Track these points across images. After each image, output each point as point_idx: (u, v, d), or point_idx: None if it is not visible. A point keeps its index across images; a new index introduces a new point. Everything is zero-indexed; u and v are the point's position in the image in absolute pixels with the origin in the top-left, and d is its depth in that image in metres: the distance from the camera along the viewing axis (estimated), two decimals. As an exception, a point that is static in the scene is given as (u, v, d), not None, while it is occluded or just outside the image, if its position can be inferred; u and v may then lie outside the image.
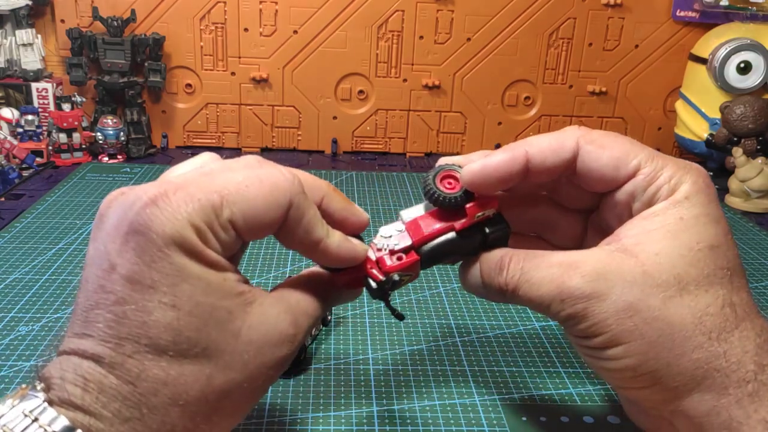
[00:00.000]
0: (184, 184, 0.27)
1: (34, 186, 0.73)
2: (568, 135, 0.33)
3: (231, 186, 0.27)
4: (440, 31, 0.87)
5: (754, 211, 0.76)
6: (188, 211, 0.26)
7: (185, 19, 0.84)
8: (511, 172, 0.33)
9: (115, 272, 0.26)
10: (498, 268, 0.32)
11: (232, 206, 0.27)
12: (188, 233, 0.26)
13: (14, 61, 0.83)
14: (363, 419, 0.38)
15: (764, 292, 0.56)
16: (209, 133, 0.90)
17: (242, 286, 0.28)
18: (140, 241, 0.25)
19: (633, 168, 0.32)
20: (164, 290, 0.25)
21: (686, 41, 0.88)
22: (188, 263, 0.26)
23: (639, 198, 0.32)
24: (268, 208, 0.28)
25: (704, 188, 0.31)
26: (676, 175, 0.31)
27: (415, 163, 0.90)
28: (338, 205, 0.32)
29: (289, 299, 0.30)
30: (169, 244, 0.25)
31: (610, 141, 0.32)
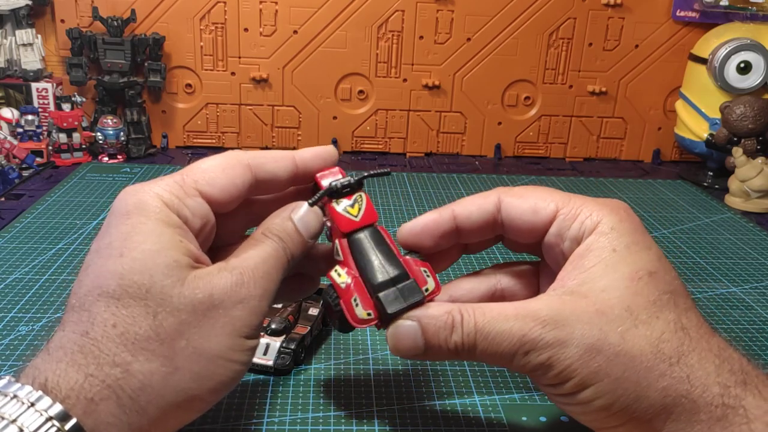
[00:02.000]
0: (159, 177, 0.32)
1: (34, 186, 0.73)
2: (491, 192, 0.35)
3: (190, 165, 0.33)
4: (440, 31, 0.87)
5: (754, 211, 0.76)
6: (151, 185, 0.31)
7: (185, 19, 0.84)
8: (440, 228, 0.35)
9: (90, 252, 0.30)
10: (448, 326, 0.31)
11: (192, 175, 0.32)
12: (149, 198, 0.30)
13: (14, 61, 0.83)
14: (363, 419, 0.38)
15: (764, 292, 0.56)
16: (209, 133, 0.90)
17: (198, 253, 0.31)
18: (110, 217, 0.31)
19: (551, 210, 0.33)
20: (116, 245, 0.29)
21: (686, 41, 0.88)
22: (145, 221, 0.29)
23: (566, 237, 0.33)
24: (225, 168, 0.32)
25: (626, 218, 0.33)
26: (594, 210, 0.33)
27: (415, 163, 0.90)
28: (307, 154, 0.35)
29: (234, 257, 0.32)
30: (131, 209, 0.30)
31: (528, 191, 0.35)
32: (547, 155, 0.94)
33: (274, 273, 0.32)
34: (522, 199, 0.34)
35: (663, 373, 0.29)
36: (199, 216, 0.31)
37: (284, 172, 0.34)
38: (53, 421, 0.25)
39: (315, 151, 0.35)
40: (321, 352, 0.44)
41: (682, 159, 0.95)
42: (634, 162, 0.94)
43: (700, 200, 0.79)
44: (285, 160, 0.34)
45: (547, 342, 0.30)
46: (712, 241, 0.66)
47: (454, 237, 0.36)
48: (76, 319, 0.28)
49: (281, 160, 0.34)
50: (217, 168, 0.32)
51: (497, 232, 0.36)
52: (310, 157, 0.35)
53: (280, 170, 0.34)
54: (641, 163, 0.94)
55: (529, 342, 0.30)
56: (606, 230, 0.32)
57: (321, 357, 0.44)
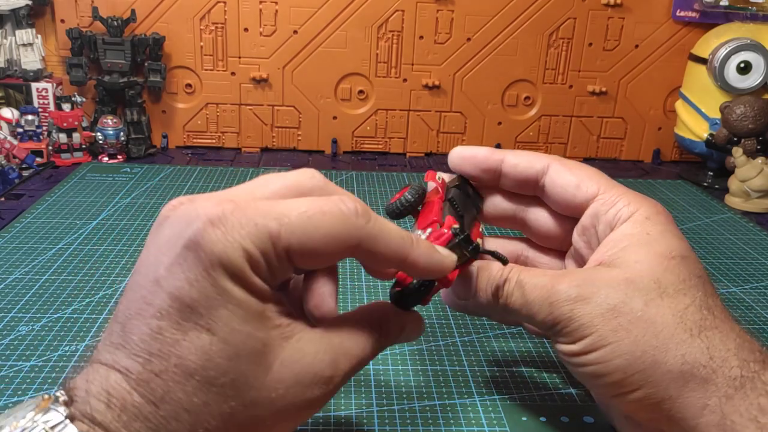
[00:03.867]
0: (244, 206, 0.26)
1: (34, 186, 0.73)
2: (545, 156, 0.37)
3: (292, 214, 0.26)
4: (440, 31, 0.87)
5: (754, 211, 0.76)
6: (242, 235, 0.25)
7: (185, 19, 0.84)
8: (486, 163, 0.38)
9: (159, 286, 0.25)
10: (497, 275, 0.34)
11: (290, 236, 0.26)
12: (237, 257, 0.25)
13: (14, 61, 0.83)
14: (363, 419, 0.38)
15: (765, 292, 0.56)
16: (209, 133, 0.90)
17: (283, 319, 0.27)
18: (190, 259, 0.25)
19: (593, 190, 0.35)
20: (202, 312, 0.25)
21: (686, 41, 0.88)
22: (231, 288, 0.25)
23: (602, 220, 0.34)
24: (329, 242, 0.26)
25: (662, 212, 0.34)
26: (633, 201, 0.34)
27: (415, 163, 0.90)
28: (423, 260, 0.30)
29: (332, 338, 0.28)
30: (216, 266, 0.25)
31: (578, 167, 0.36)
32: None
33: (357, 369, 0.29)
34: (570, 172, 0.36)
35: (683, 341, 0.30)
36: (281, 279, 0.27)
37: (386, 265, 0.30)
38: None
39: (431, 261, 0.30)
40: (321, 352, 0.44)
41: (682, 159, 0.95)
42: (634, 162, 0.94)
43: (700, 200, 0.79)
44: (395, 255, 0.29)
45: (570, 296, 0.31)
46: (712, 241, 0.66)
47: (495, 178, 0.38)
48: (145, 379, 0.24)
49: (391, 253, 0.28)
50: (321, 239, 0.26)
51: (536, 192, 0.38)
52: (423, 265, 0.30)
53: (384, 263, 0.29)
54: (641, 163, 0.94)
55: (554, 293, 0.31)
56: (641, 219, 0.33)
57: (321, 357, 0.44)
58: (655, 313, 0.30)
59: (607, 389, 0.31)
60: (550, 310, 0.32)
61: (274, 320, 0.26)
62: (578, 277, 0.32)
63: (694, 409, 0.30)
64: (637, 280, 0.31)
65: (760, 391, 0.29)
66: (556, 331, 0.32)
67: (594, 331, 0.30)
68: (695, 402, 0.30)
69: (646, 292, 0.31)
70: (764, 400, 0.28)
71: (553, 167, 0.36)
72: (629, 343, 0.30)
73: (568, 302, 0.31)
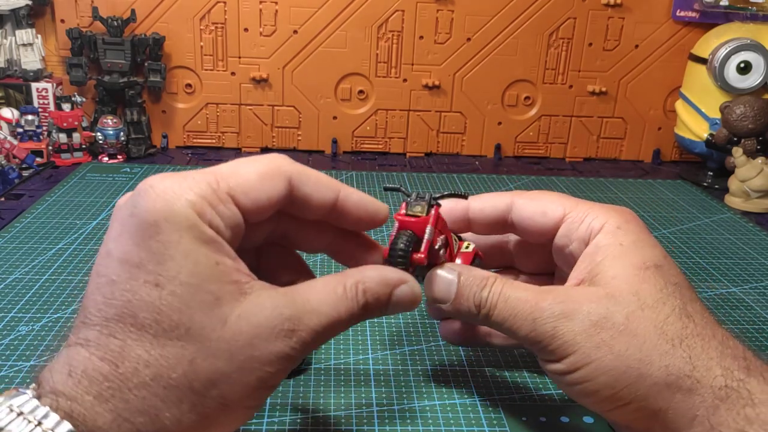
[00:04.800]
0: (183, 172, 0.28)
1: (34, 186, 0.73)
2: (507, 193, 0.38)
3: (225, 166, 0.29)
4: (440, 31, 0.87)
5: (754, 211, 0.76)
6: (182, 188, 0.26)
7: (185, 19, 0.84)
8: (452, 215, 0.38)
9: (109, 256, 0.26)
10: (481, 283, 0.33)
11: (228, 180, 0.28)
12: (180, 207, 0.26)
13: (14, 61, 0.83)
14: (363, 419, 0.38)
15: (764, 292, 0.56)
16: (209, 133, 0.90)
17: (239, 275, 0.27)
18: (134, 223, 0.26)
19: (559, 212, 0.36)
20: (150, 268, 0.25)
21: (686, 41, 0.88)
22: (178, 239, 0.26)
23: (573, 238, 0.35)
24: (264, 179, 0.28)
25: (631, 219, 0.35)
26: (602, 213, 0.35)
27: (415, 163, 0.90)
28: (355, 197, 0.32)
29: (296, 295, 0.28)
30: (160, 221, 0.26)
31: (540, 195, 0.37)
32: (547, 155, 0.94)
33: (330, 335, 0.29)
34: (533, 201, 0.37)
35: (666, 352, 0.30)
36: (231, 226, 0.28)
37: (321, 202, 0.31)
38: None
39: (363, 201, 0.32)
40: (321, 352, 0.44)
41: (682, 159, 0.95)
42: (634, 162, 0.94)
43: (700, 200, 0.79)
44: (328, 191, 0.31)
45: (554, 313, 0.31)
46: (712, 241, 0.66)
47: (465, 226, 0.39)
48: (103, 343, 0.25)
49: (324, 188, 0.31)
50: (255, 176, 0.28)
51: (507, 231, 0.39)
52: (355, 202, 0.32)
53: (317, 198, 0.30)
54: (641, 163, 0.94)
55: (538, 310, 0.32)
56: (612, 229, 0.34)
57: (321, 357, 0.44)
58: (636, 327, 0.30)
59: (599, 405, 0.32)
60: (533, 327, 0.32)
61: (231, 275, 0.27)
62: (561, 295, 0.32)
63: (684, 419, 0.30)
64: (616, 294, 0.31)
65: (745, 401, 0.29)
66: (540, 348, 0.32)
67: (577, 348, 0.31)
68: (684, 413, 0.30)
69: (626, 306, 0.31)
70: (750, 411, 0.28)
71: (516, 203, 0.37)
72: (613, 359, 0.30)
73: (551, 319, 0.31)
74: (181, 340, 0.26)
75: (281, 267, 0.35)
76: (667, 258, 0.33)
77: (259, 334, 0.27)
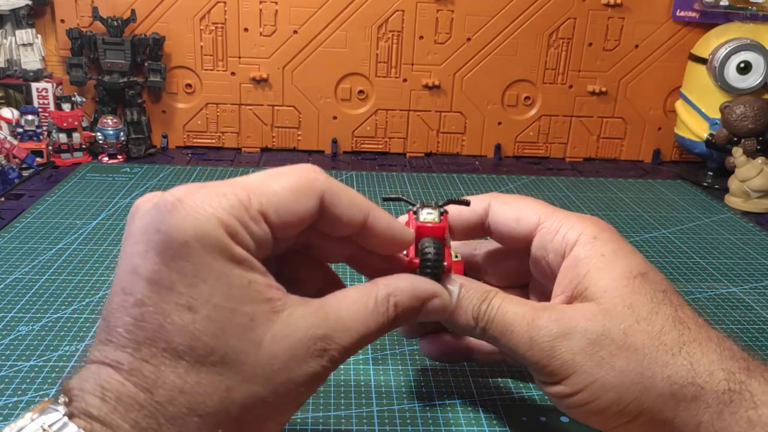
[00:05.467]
0: (210, 184, 0.26)
1: (34, 186, 0.73)
2: (484, 196, 0.38)
3: (255, 180, 0.27)
4: (440, 31, 0.87)
5: (754, 211, 0.76)
6: (213, 206, 0.25)
7: (185, 19, 0.84)
8: None
9: (136, 274, 0.25)
10: (481, 296, 0.33)
11: (260, 197, 0.26)
12: (212, 227, 0.25)
13: (14, 61, 0.83)
14: (363, 419, 0.38)
15: (764, 292, 0.56)
16: (209, 133, 0.90)
17: (272, 292, 0.26)
18: (162, 241, 0.25)
19: (534, 221, 0.35)
20: (181, 291, 0.24)
21: (686, 41, 0.88)
22: (210, 262, 0.25)
23: (549, 249, 0.35)
24: (297, 196, 0.27)
25: (606, 229, 0.34)
26: (576, 223, 0.34)
27: (415, 163, 0.90)
28: (383, 222, 0.30)
29: (328, 311, 0.27)
30: (191, 242, 0.24)
31: (516, 200, 0.37)
32: (547, 155, 0.94)
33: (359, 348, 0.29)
34: (508, 206, 0.36)
35: (666, 363, 0.30)
36: (262, 244, 0.26)
37: (350, 223, 0.29)
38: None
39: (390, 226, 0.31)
40: (321, 352, 0.44)
41: (682, 159, 0.95)
42: (634, 162, 0.94)
43: (700, 200, 0.79)
44: (358, 212, 0.29)
45: (550, 331, 0.31)
46: (712, 241, 0.66)
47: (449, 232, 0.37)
48: (136, 368, 0.24)
49: (355, 209, 0.29)
50: (288, 193, 0.27)
51: (486, 234, 0.38)
52: (383, 226, 0.30)
53: (347, 218, 0.29)
54: (641, 163, 0.94)
55: (535, 328, 0.31)
56: (590, 240, 0.33)
57: (321, 357, 0.44)
58: (634, 341, 0.30)
59: (605, 423, 0.31)
60: (531, 345, 0.31)
61: (263, 293, 0.26)
62: (556, 312, 0.31)
63: (689, 427, 0.30)
64: (611, 309, 0.31)
65: (748, 404, 0.29)
66: (539, 369, 0.31)
67: (578, 368, 0.30)
68: (690, 420, 0.29)
69: (622, 321, 0.31)
70: (753, 414, 0.28)
71: (493, 206, 0.37)
72: (616, 376, 0.30)
73: (548, 338, 0.31)
74: (216, 366, 0.25)
75: (307, 275, 0.34)
76: (648, 264, 0.33)
77: (294, 356, 0.26)
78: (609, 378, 0.30)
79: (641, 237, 0.67)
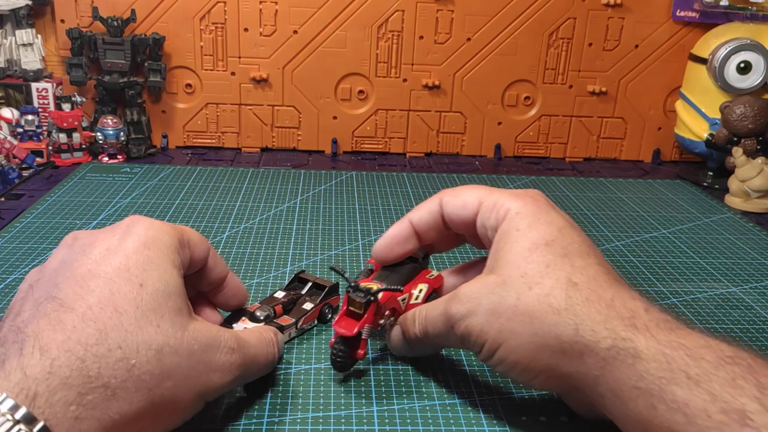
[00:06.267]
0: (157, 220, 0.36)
1: (34, 186, 0.73)
2: (436, 195, 0.42)
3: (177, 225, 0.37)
4: (440, 31, 0.87)
5: (754, 211, 0.76)
6: (165, 227, 0.35)
7: (185, 19, 0.84)
8: (402, 236, 0.42)
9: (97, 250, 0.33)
10: (412, 321, 0.40)
11: (188, 233, 0.36)
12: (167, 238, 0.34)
13: (14, 61, 0.83)
14: (363, 419, 0.38)
15: (764, 292, 0.56)
16: (209, 133, 0.90)
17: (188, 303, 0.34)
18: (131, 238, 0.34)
19: (475, 204, 0.39)
20: (136, 272, 0.32)
21: (686, 41, 0.88)
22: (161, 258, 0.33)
23: (488, 227, 0.39)
24: (202, 240, 0.37)
25: (530, 202, 0.38)
26: (508, 200, 0.38)
27: (415, 163, 0.90)
28: (221, 262, 0.39)
29: (233, 331, 0.36)
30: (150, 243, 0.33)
31: (461, 189, 0.41)
32: (547, 155, 0.94)
33: (257, 367, 0.37)
34: (455, 197, 0.41)
35: (554, 323, 0.33)
36: (185, 267, 0.36)
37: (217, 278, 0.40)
38: None
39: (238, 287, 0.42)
40: (321, 352, 0.44)
41: (682, 159, 0.95)
42: (634, 162, 0.94)
43: (700, 200, 0.79)
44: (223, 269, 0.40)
45: (461, 314, 0.36)
46: (712, 241, 0.66)
47: (416, 241, 0.43)
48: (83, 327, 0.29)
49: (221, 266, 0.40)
50: (198, 237, 0.37)
51: (448, 229, 0.42)
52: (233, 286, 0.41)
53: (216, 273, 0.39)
54: (641, 163, 0.94)
55: (450, 317, 0.37)
56: (513, 215, 0.37)
57: (321, 357, 0.44)
58: (526, 305, 0.34)
59: (520, 378, 0.35)
60: (453, 331, 0.37)
61: (186, 300, 0.34)
62: (462, 296, 0.36)
63: (588, 379, 0.33)
64: (507, 280, 0.35)
65: (634, 358, 0.31)
66: (469, 347, 0.37)
67: (487, 337, 0.35)
68: (586, 374, 0.33)
69: (516, 289, 0.34)
70: (641, 367, 0.30)
71: (444, 200, 0.41)
72: (515, 339, 0.34)
73: (461, 320, 0.36)
74: (154, 327, 0.30)
75: None
76: (563, 231, 0.36)
77: (211, 345, 0.33)
78: (510, 341, 0.34)
79: (641, 237, 0.67)
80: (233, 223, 0.65)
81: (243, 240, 0.61)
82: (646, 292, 0.52)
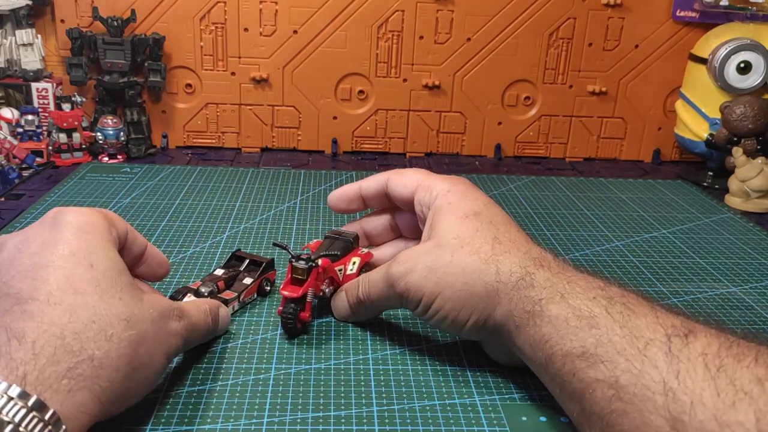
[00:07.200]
0: None
1: (34, 186, 0.73)
2: (385, 172, 0.49)
3: None
4: (440, 31, 0.87)
5: (754, 211, 0.76)
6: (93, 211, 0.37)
7: (185, 19, 0.84)
8: (349, 195, 0.51)
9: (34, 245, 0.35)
10: (356, 285, 0.46)
11: (111, 215, 0.39)
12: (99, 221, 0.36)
13: (14, 61, 0.83)
14: (363, 419, 0.38)
15: (764, 292, 0.56)
16: (209, 133, 0.90)
17: None
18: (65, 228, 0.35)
19: (414, 185, 0.46)
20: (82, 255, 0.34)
21: (686, 41, 0.88)
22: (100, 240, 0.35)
23: (424, 204, 0.45)
24: (121, 220, 0.39)
25: (459, 182, 0.45)
26: (441, 182, 0.45)
27: (415, 163, 0.90)
28: (139, 235, 0.41)
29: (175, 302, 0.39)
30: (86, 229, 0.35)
31: (407, 171, 0.48)
32: (547, 155, 0.94)
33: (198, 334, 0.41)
34: (399, 177, 0.48)
35: (482, 271, 0.39)
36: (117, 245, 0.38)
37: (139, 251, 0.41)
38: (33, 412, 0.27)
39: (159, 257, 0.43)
40: (321, 352, 0.44)
41: (682, 159, 0.95)
42: (634, 162, 0.94)
43: (700, 200, 0.79)
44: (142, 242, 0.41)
45: (400, 273, 0.41)
46: (712, 241, 0.66)
47: (360, 203, 0.51)
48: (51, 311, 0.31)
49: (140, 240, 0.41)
50: (118, 218, 0.39)
51: (389, 201, 0.50)
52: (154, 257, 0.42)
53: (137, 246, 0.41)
54: (641, 163, 0.94)
55: (390, 277, 0.42)
56: (444, 192, 0.44)
57: (321, 357, 0.44)
58: (458, 260, 0.39)
59: (456, 328, 0.40)
60: (393, 290, 0.42)
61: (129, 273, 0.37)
62: (402, 257, 0.42)
63: (501, 314, 0.38)
64: (443, 242, 0.41)
65: (529, 286, 0.37)
66: (406, 304, 0.42)
67: (424, 291, 0.40)
68: (501, 310, 0.38)
69: (450, 248, 0.40)
70: (532, 292, 0.37)
71: (390, 178, 0.48)
72: (449, 289, 0.39)
73: (401, 278, 0.41)
74: (117, 300, 0.33)
75: None
76: (488, 206, 0.43)
77: (163, 313, 0.36)
78: (445, 292, 0.39)
79: (641, 237, 0.67)
80: (233, 223, 0.65)
81: (243, 240, 0.61)
82: (646, 292, 0.52)
